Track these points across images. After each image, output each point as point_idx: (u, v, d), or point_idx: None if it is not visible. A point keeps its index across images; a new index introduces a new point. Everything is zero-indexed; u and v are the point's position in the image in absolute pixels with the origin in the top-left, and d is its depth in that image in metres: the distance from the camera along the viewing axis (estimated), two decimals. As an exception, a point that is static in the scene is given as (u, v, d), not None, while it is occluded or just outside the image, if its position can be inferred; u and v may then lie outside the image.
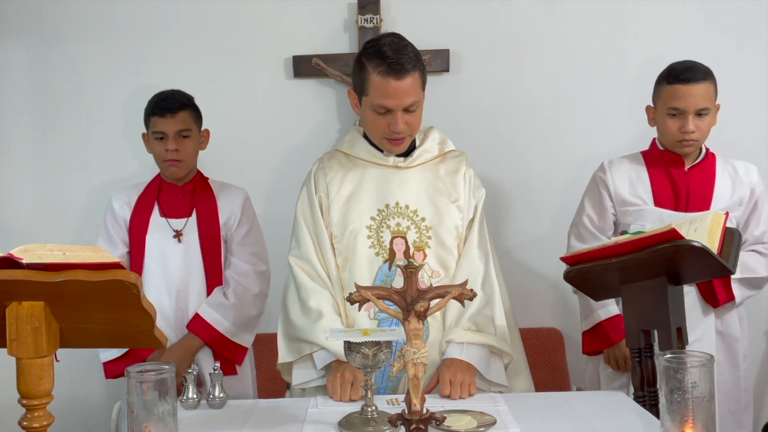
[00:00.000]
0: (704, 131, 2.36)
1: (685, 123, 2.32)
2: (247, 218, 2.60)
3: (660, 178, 2.43)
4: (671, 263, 1.88)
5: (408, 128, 2.09)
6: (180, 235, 2.50)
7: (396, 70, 1.99)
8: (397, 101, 2.02)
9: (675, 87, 2.34)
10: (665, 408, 1.45)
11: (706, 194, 2.40)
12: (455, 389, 1.93)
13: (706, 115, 2.34)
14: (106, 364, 2.49)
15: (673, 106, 2.34)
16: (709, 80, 2.35)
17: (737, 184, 2.42)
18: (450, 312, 2.10)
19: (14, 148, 3.06)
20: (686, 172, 2.42)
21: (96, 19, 3.02)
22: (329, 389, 1.96)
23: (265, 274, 2.60)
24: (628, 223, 2.44)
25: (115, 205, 2.55)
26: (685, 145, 2.37)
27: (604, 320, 2.44)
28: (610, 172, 2.49)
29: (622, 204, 2.46)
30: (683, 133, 2.33)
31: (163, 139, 2.46)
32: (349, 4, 3.00)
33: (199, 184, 2.58)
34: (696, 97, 2.31)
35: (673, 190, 2.41)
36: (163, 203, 2.54)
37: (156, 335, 1.48)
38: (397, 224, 2.14)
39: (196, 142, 2.53)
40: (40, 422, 1.40)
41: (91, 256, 1.38)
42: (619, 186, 2.46)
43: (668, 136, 2.39)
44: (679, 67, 2.37)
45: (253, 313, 2.54)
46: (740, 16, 2.98)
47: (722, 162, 2.46)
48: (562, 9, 3.00)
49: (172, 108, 2.45)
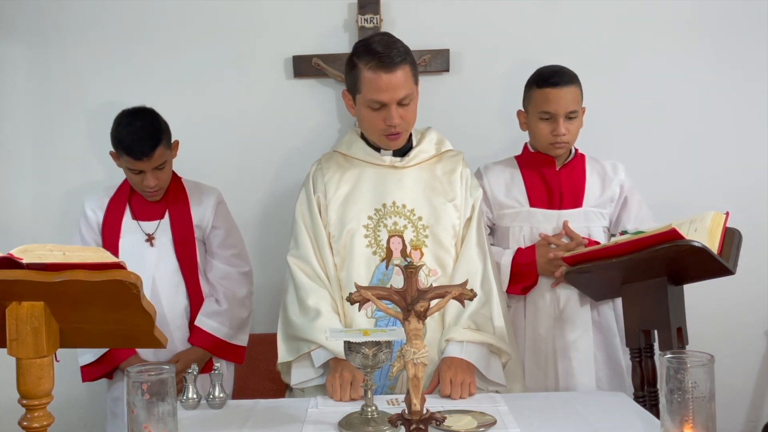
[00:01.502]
0: (574, 133, 2.40)
1: (557, 126, 2.36)
2: (221, 221, 2.59)
3: (534, 180, 2.46)
4: (671, 263, 1.88)
5: (403, 122, 2.10)
6: (152, 238, 2.49)
7: (386, 64, 2.03)
8: (390, 95, 2.05)
9: (545, 91, 2.37)
10: (665, 408, 1.45)
11: (578, 192, 2.44)
12: (455, 389, 1.93)
13: (575, 118, 2.38)
14: (83, 367, 2.49)
15: (544, 110, 2.37)
16: (575, 84, 2.38)
17: (606, 182, 2.47)
18: (449, 311, 2.10)
19: (14, 148, 3.06)
20: (557, 172, 2.45)
21: (96, 19, 3.02)
22: (329, 389, 1.96)
23: (248, 274, 2.62)
24: (507, 226, 2.46)
25: (87, 209, 2.54)
26: (557, 147, 2.40)
27: (513, 262, 2.40)
28: (486, 177, 2.52)
29: (499, 207, 2.48)
30: (555, 136, 2.37)
31: (138, 173, 2.41)
32: (349, 4, 3.00)
33: (172, 186, 2.55)
34: (566, 100, 2.35)
35: (546, 189, 2.44)
36: (135, 206, 2.53)
37: (156, 335, 1.49)
38: (394, 223, 2.15)
39: (170, 163, 2.49)
40: (40, 422, 1.40)
41: (91, 256, 1.38)
42: (495, 189, 2.49)
43: (541, 139, 2.42)
44: (548, 72, 2.40)
45: (244, 314, 2.57)
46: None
47: (591, 161, 2.50)
48: (562, 9, 2.99)
49: (147, 152, 2.35)
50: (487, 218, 2.51)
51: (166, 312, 2.47)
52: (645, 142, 2.97)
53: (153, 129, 2.40)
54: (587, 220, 2.42)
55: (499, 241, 2.50)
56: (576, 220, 2.40)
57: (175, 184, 2.56)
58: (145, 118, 2.42)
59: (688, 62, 2.99)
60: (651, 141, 2.98)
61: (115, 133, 2.41)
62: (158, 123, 2.44)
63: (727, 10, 2.97)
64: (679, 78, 2.99)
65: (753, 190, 2.97)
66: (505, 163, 2.55)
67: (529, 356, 2.39)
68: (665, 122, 2.99)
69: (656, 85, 2.99)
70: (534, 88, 2.41)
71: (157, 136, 2.39)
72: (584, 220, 2.42)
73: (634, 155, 2.81)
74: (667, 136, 2.99)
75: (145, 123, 2.40)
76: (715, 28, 2.98)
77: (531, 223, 2.43)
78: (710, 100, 2.99)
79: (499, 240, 2.50)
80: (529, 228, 2.43)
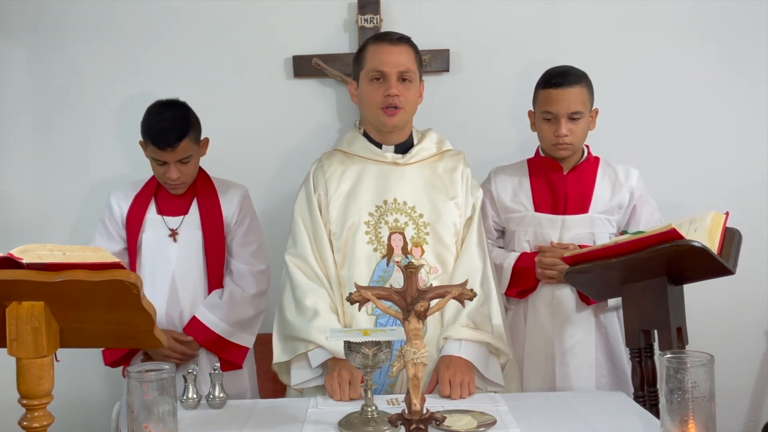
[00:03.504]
0: (578, 135, 2.37)
1: (558, 127, 2.35)
2: (245, 216, 2.57)
3: (540, 184, 2.46)
4: (671, 263, 1.88)
5: (402, 98, 2.13)
6: (175, 233, 2.49)
7: (390, 38, 2.16)
8: (391, 65, 2.11)
9: (548, 91, 2.36)
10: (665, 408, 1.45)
11: (585, 197, 2.42)
12: (455, 389, 1.93)
13: (579, 119, 2.36)
14: (105, 350, 2.47)
15: (547, 110, 2.37)
16: (581, 84, 2.36)
17: (617, 187, 2.44)
18: (448, 309, 2.10)
19: (14, 148, 3.06)
20: (565, 176, 2.44)
21: (96, 19, 3.01)
22: (328, 389, 1.96)
23: (264, 273, 2.57)
24: (513, 230, 2.47)
25: (112, 201, 2.54)
26: (560, 148, 2.39)
27: (514, 265, 2.41)
28: (494, 181, 2.52)
29: (506, 211, 2.49)
30: (557, 137, 2.36)
31: (162, 164, 2.42)
32: (349, 4, 3.00)
33: (200, 182, 2.56)
34: (568, 101, 2.33)
35: (552, 194, 2.43)
36: (160, 201, 2.53)
37: (156, 335, 1.48)
38: (395, 220, 2.15)
39: (197, 159, 2.49)
40: (40, 422, 1.40)
41: (91, 256, 1.38)
42: (502, 194, 2.49)
43: (544, 139, 2.42)
44: (553, 72, 2.40)
45: (250, 313, 2.52)
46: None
47: (604, 166, 2.47)
48: (562, 9, 2.99)
49: (172, 143, 2.35)
50: (494, 222, 2.52)
51: (185, 307, 2.47)
52: (645, 142, 2.97)
53: (181, 121, 2.40)
54: (592, 226, 2.40)
55: (506, 245, 2.51)
56: (580, 226, 2.39)
57: (202, 180, 2.56)
58: (176, 109, 2.44)
59: (688, 63, 2.98)
60: (651, 141, 2.98)
61: (145, 122, 2.43)
62: (188, 117, 2.44)
63: (728, 11, 2.97)
64: (679, 78, 2.98)
65: (753, 190, 2.97)
66: (516, 167, 2.55)
67: (528, 360, 2.39)
68: (666, 122, 2.99)
69: (656, 86, 2.98)
70: (539, 88, 2.41)
71: (184, 129, 2.39)
72: (589, 226, 2.40)
73: (634, 155, 2.80)
74: (667, 136, 2.99)
75: (175, 114, 2.41)
76: (716, 29, 2.98)
77: (535, 227, 2.42)
78: (711, 100, 2.99)
79: (506, 244, 2.52)
80: (534, 233, 2.43)
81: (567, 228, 2.39)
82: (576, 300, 2.38)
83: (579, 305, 2.38)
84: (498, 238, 2.55)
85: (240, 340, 2.51)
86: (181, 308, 2.47)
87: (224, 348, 2.48)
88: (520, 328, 2.42)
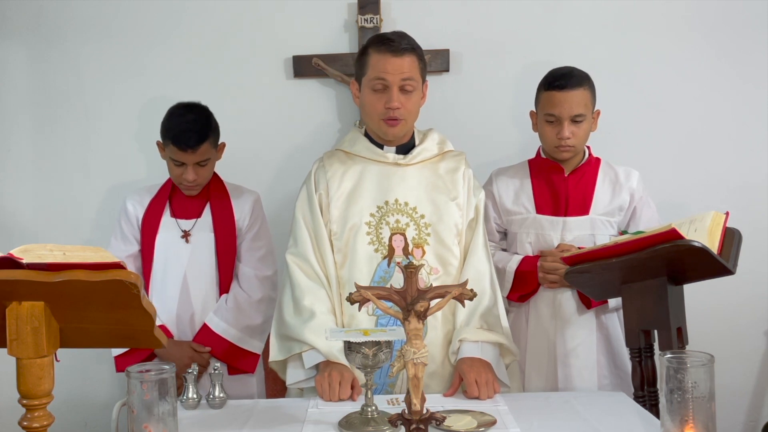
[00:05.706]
0: (581, 137, 2.37)
1: (561, 129, 2.34)
2: (255, 220, 2.59)
3: (541, 186, 2.46)
4: (671, 263, 1.88)
5: (403, 110, 2.12)
6: (188, 235, 2.51)
7: (394, 47, 2.11)
8: (394, 75, 2.10)
9: (551, 93, 2.36)
10: (665, 408, 1.45)
11: (586, 199, 2.42)
12: (483, 389, 1.93)
13: (581, 122, 2.35)
14: (117, 357, 2.49)
15: (550, 113, 2.36)
16: (584, 86, 2.36)
17: (617, 189, 2.43)
18: (460, 310, 2.11)
19: (14, 148, 3.06)
20: (566, 178, 2.44)
21: (96, 19, 3.01)
22: (318, 390, 1.96)
23: (270, 278, 2.58)
24: (515, 232, 2.47)
25: (128, 205, 2.56)
26: (562, 150, 2.38)
27: (517, 269, 2.41)
28: (496, 183, 2.52)
29: (507, 213, 2.48)
30: (559, 139, 2.35)
31: (180, 165, 2.44)
32: (349, 4, 3.00)
33: (214, 185, 2.58)
34: (570, 104, 2.33)
35: (553, 196, 2.43)
36: (174, 204, 2.56)
37: (156, 335, 1.48)
38: (396, 221, 2.15)
39: (213, 162, 2.52)
40: (40, 422, 1.40)
41: (91, 256, 1.38)
42: (504, 196, 2.49)
43: (547, 141, 2.42)
44: (556, 74, 2.39)
45: (258, 320, 2.52)
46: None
47: (605, 167, 2.47)
48: (563, 9, 2.99)
49: (192, 145, 2.38)
50: (496, 224, 2.52)
51: (196, 308, 2.49)
52: (645, 142, 2.97)
53: (203, 124, 2.44)
54: (593, 228, 2.40)
55: (509, 247, 2.51)
56: (581, 227, 2.39)
57: (216, 183, 2.58)
58: (199, 112, 2.47)
59: (688, 63, 2.98)
60: (651, 141, 2.98)
61: (166, 123, 2.45)
62: (209, 120, 2.48)
63: (727, 10, 2.97)
64: (679, 78, 2.98)
65: (753, 190, 2.97)
66: (517, 168, 2.55)
67: (530, 361, 2.39)
68: (666, 122, 2.99)
69: (657, 86, 2.98)
70: (542, 90, 2.41)
71: (205, 131, 2.42)
72: (590, 228, 2.40)
73: (634, 155, 2.81)
74: (667, 136, 2.98)
75: (196, 117, 2.44)
76: (715, 29, 2.97)
77: (537, 230, 2.42)
78: (710, 100, 2.99)
79: (509, 246, 2.51)
80: (535, 235, 2.43)
81: (568, 230, 2.40)
82: (577, 302, 2.38)
83: (580, 307, 2.38)
84: (501, 240, 2.55)
85: (250, 347, 2.52)
86: (192, 309, 2.49)
87: (237, 357, 2.50)
88: (521, 329, 2.42)
